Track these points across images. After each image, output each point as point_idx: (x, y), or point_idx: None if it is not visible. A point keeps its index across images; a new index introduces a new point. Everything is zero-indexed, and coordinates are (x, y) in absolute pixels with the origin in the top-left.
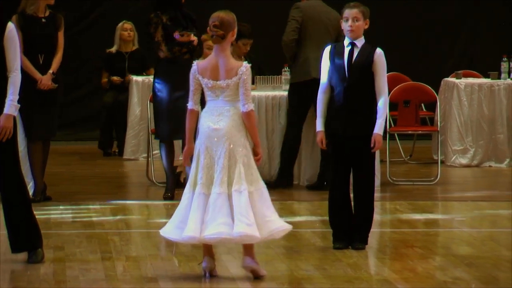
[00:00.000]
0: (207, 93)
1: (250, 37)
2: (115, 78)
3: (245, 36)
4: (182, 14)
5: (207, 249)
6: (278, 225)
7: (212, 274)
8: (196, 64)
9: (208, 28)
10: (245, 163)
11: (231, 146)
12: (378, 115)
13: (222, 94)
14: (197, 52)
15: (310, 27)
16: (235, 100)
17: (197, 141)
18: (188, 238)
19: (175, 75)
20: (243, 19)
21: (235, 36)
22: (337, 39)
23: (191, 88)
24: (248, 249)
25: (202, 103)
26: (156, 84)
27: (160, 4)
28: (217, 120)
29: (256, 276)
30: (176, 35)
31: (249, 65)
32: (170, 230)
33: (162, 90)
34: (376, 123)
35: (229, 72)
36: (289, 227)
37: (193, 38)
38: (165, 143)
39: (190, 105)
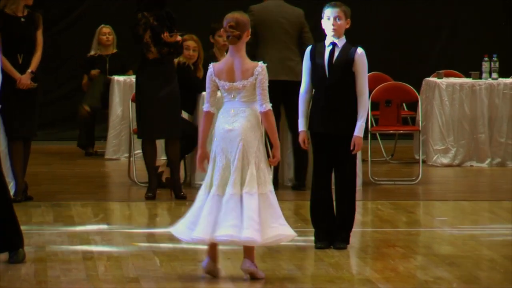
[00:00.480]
0: (224, 95)
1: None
2: (93, 72)
3: (219, 30)
4: (166, 13)
5: (211, 251)
6: (281, 232)
7: (213, 276)
8: (212, 67)
9: (222, 29)
10: (257, 164)
11: (245, 146)
12: (359, 116)
13: (238, 95)
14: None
15: (264, 30)
16: (251, 101)
17: (214, 143)
18: (198, 239)
19: (161, 75)
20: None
21: (249, 37)
22: (300, 36)
23: (208, 90)
24: (249, 251)
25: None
26: (141, 84)
27: (146, 4)
28: (232, 121)
29: (254, 278)
30: (166, 36)
31: (264, 65)
32: (181, 230)
33: (148, 90)
34: (356, 125)
35: (245, 73)
36: (292, 234)
37: (179, 38)
38: (148, 142)
39: (206, 107)
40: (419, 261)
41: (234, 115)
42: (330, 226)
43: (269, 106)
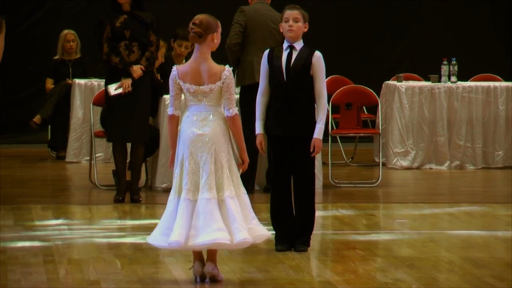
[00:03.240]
0: (189, 98)
1: (184, 38)
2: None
3: (179, 38)
4: (136, 18)
5: (197, 254)
6: (258, 233)
7: (202, 279)
8: (176, 69)
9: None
10: (229, 167)
11: (217, 151)
12: (318, 119)
13: (205, 98)
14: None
15: (254, 31)
16: (217, 105)
17: (180, 147)
18: (174, 243)
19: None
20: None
21: (215, 41)
22: (283, 41)
23: (172, 93)
24: (212, 255)
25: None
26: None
27: (112, 5)
28: (202, 126)
29: (214, 281)
30: (111, 90)
31: (231, 69)
32: (157, 237)
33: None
34: (316, 128)
35: (212, 77)
36: (267, 234)
37: (139, 72)
38: (117, 146)
39: (170, 110)
40: (379, 263)
41: (202, 120)
42: (290, 228)
43: (235, 110)
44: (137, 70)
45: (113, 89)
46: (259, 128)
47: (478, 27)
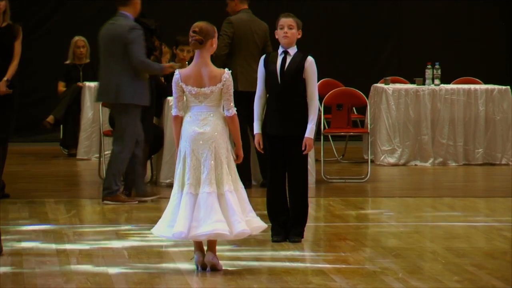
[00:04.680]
0: (190, 99)
1: (185, 43)
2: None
3: (181, 44)
4: (141, 25)
5: (198, 245)
6: (255, 225)
7: (203, 268)
8: (178, 73)
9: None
10: (228, 164)
11: (216, 148)
12: (309, 120)
13: (205, 100)
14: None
15: (240, 41)
16: (217, 105)
17: (182, 144)
18: (178, 234)
19: None
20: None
21: (214, 46)
22: (263, 49)
23: (175, 95)
24: (212, 245)
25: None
26: None
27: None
28: (202, 125)
29: (214, 270)
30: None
31: (230, 72)
32: (161, 229)
33: None
34: (307, 127)
35: (213, 79)
36: (264, 225)
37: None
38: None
39: (174, 112)
40: (367, 253)
41: (203, 119)
42: (285, 221)
43: (234, 110)
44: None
45: None
46: (257, 128)
47: (460, 33)
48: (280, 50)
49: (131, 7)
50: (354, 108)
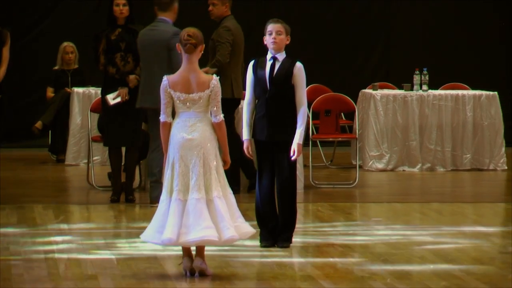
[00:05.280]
0: (179, 105)
1: None
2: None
3: None
4: (131, 31)
5: (186, 251)
6: (244, 230)
7: (192, 274)
8: (167, 79)
9: (179, 41)
10: (216, 170)
11: (205, 154)
12: (298, 125)
13: (193, 106)
14: None
15: (237, 48)
16: (205, 111)
17: (170, 151)
18: (167, 240)
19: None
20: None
21: (201, 52)
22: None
23: (163, 101)
24: (200, 251)
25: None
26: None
27: (108, 22)
28: (191, 131)
29: (203, 275)
30: (110, 100)
31: (217, 78)
32: (150, 235)
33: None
34: (296, 133)
35: (201, 86)
36: (252, 231)
37: (135, 82)
38: (113, 149)
39: (162, 118)
40: (356, 258)
41: (192, 125)
42: (274, 226)
43: (222, 117)
44: (133, 79)
45: (112, 99)
46: (246, 134)
47: (448, 39)
48: (269, 56)
49: (171, 13)
50: (342, 114)
